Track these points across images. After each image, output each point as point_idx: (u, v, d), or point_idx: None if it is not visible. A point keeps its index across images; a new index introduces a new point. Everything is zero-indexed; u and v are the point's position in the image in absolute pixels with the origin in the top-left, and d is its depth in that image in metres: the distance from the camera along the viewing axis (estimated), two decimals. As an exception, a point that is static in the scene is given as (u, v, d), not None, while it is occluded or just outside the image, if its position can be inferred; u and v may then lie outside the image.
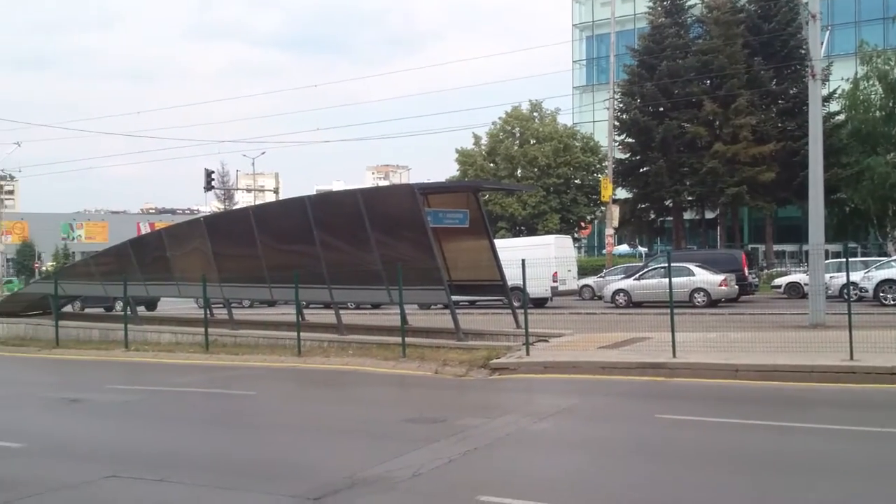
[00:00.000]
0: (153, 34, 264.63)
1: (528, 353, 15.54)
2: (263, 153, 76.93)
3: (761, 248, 46.82)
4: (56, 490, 7.89)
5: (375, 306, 28.85)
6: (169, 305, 33.01)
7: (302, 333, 18.40)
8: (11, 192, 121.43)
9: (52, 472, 8.64)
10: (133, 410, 12.97)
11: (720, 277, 28.22)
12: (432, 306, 25.47)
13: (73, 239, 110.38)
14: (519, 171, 51.93)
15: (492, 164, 52.46)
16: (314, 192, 50.96)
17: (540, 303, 29.68)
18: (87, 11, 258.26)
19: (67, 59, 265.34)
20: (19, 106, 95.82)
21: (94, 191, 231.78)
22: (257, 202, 54.33)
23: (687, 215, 48.29)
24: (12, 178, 77.15)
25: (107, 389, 14.91)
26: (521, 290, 17.32)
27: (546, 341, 17.33)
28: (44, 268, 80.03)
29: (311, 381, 15.82)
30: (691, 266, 28.30)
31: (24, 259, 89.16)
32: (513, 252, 22.29)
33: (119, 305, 28.82)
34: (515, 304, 20.16)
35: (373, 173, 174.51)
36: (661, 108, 44.06)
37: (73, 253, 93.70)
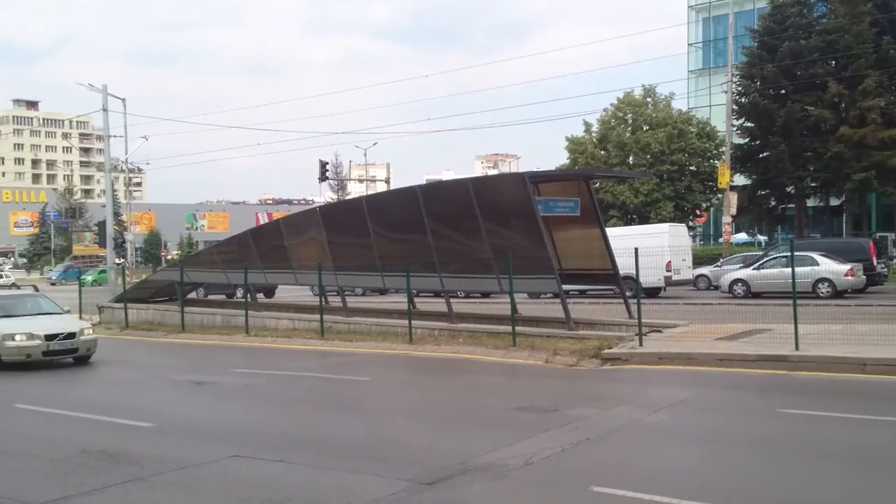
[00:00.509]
0: (272, 29, 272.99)
1: (641, 344, 15.26)
2: (375, 144, 78.42)
3: (891, 236, 44.30)
4: (183, 468, 8.28)
5: (485, 295, 28.96)
6: (286, 293, 34.03)
7: (413, 321, 18.66)
8: (139, 185, 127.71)
9: (179, 451, 9.08)
10: (254, 393, 13.47)
11: (846, 267, 26.90)
12: (542, 295, 25.35)
13: (197, 228, 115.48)
14: (631, 158, 50.92)
15: (603, 152, 51.62)
16: (424, 182, 51.45)
17: (653, 293, 29.08)
18: (208, 9, 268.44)
19: (191, 56, 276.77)
20: (147, 102, 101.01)
21: (215, 182, 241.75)
22: (369, 192, 55.43)
23: (810, 202, 46.16)
24: (140, 170, 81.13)
25: (229, 373, 15.53)
26: (633, 280, 16.98)
27: (659, 332, 16.97)
28: (169, 256, 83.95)
29: (422, 368, 16.03)
30: (815, 255, 27.07)
31: (151, 248, 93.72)
32: (625, 241, 21.92)
33: (240, 292, 29.98)
34: (628, 293, 19.83)
35: (482, 162, 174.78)
36: (783, 91, 42.20)
37: (196, 242, 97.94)
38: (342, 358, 17.18)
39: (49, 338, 16.29)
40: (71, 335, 16.62)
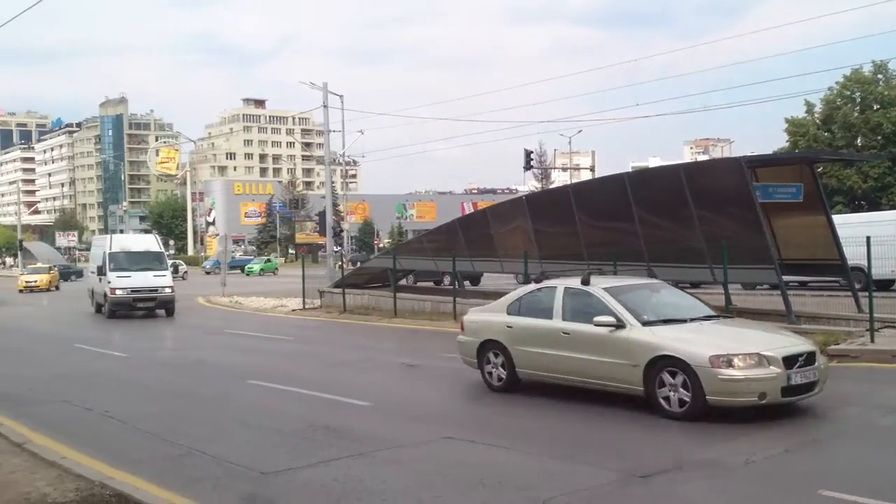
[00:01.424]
0: (477, 22, 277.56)
1: (872, 340, 14.08)
2: (580, 131, 77.35)
3: None
4: (400, 447, 8.63)
5: (694, 285, 27.83)
6: (489, 281, 34.53)
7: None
8: (354, 176, 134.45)
9: (395, 430, 9.48)
10: (462, 378, 13.77)
11: None
12: (758, 287, 24.01)
13: (406, 218, 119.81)
14: (859, 140, 47.05)
15: (827, 134, 48.05)
16: (630, 169, 50.30)
17: (885, 285, 26.66)
18: (417, 5, 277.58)
19: (402, 52, 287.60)
20: (362, 97, 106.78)
21: (424, 173, 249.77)
22: (573, 181, 54.97)
23: None
24: (356, 163, 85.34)
25: (439, 357, 15.96)
26: (862, 272, 15.66)
27: (894, 328, 15.57)
28: (381, 244, 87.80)
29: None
30: None
31: (365, 236, 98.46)
32: (851, 229, 20.25)
33: (447, 280, 30.82)
34: (857, 286, 18.34)
35: (691, 148, 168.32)
36: None
37: (406, 231, 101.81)
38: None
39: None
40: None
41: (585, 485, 7.05)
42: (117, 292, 26.35)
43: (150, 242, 30.15)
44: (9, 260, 78.57)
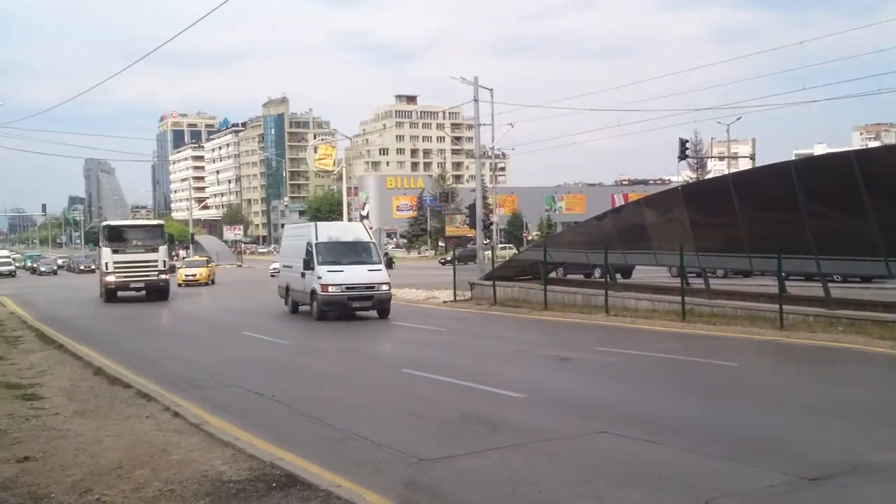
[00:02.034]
0: (627, 10, 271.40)
1: None
2: (739, 119, 73.98)
3: None
4: (555, 439, 8.62)
5: (866, 280, 26.17)
6: (641, 273, 33.82)
7: (784, 306, 17.48)
8: (503, 169, 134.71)
9: (549, 422, 9.47)
10: (617, 372, 13.59)
11: None
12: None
13: (555, 210, 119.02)
14: None
15: None
16: (793, 157, 47.69)
17: None
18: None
19: (550, 43, 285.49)
20: (511, 90, 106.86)
21: (573, 165, 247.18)
22: (731, 170, 52.75)
23: None
24: (505, 156, 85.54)
25: (591, 351, 15.83)
26: None
27: None
28: (529, 237, 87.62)
29: (793, 356, 14.96)
30: None
31: (514, 229, 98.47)
32: None
33: (597, 272, 30.39)
34: None
35: (861, 133, 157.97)
36: None
37: (555, 223, 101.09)
38: (705, 341, 16.65)
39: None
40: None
41: (749, 486, 6.79)
42: (330, 290, 22.44)
43: (361, 231, 25.89)
44: (182, 252, 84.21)
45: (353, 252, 23.96)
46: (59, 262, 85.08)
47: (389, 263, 23.60)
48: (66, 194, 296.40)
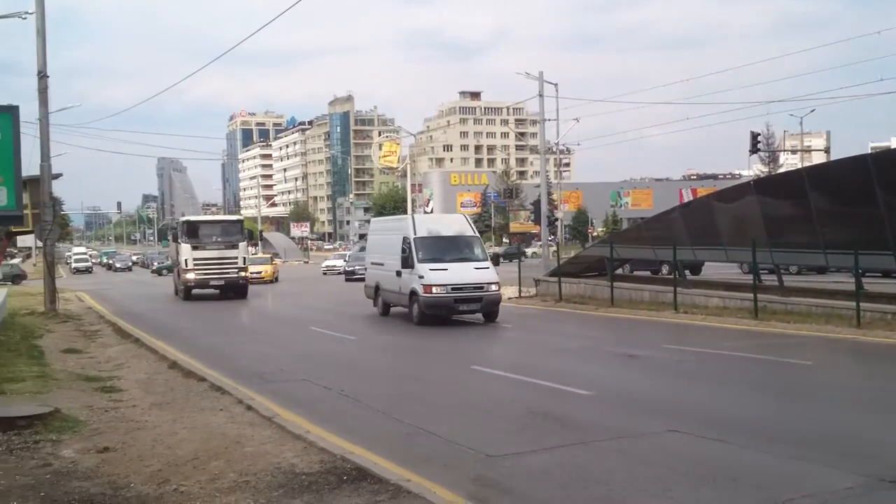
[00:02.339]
0: (694, 2, 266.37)
1: None
2: (813, 111, 72.01)
3: None
4: (623, 437, 8.53)
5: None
6: (710, 270, 33.18)
7: (861, 303, 16.95)
8: (568, 165, 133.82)
9: (617, 420, 9.38)
10: (686, 370, 13.38)
11: None
12: None
13: (621, 206, 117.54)
14: None
15: None
16: (869, 150, 46.20)
17: None
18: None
19: (616, 37, 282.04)
20: (577, 84, 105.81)
21: (639, 160, 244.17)
22: (804, 164, 51.41)
23: None
24: (570, 151, 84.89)
25: (660, 348, 15.60)
26: None
27: None
28: (595, 233, 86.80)
29: (872, 354, 14.51)
30: None
31: (578, 225, 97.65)
32: None
33: (665, 269, 29.94)
34: None
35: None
36: None
37: (621, 219, 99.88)
38: (778, 339, 16.27)
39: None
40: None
41: (827, 487, 6.62)
42: (434, 290, 19.94)
43: (463, 224, 22.87)
44: (251, 249, 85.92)
45: (456, 248, 21.54)
46: (134, 258, 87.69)
47: (497, 261, 21.63)
48: (140, 192, 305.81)
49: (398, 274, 21.42)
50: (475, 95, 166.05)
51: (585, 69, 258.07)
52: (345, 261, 55.55)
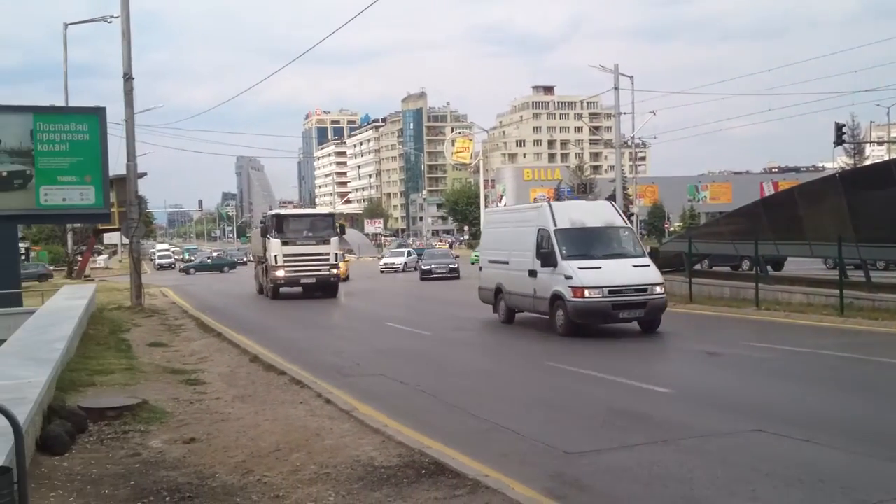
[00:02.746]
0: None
1: None
2: (901, 100, 69.36)
3: None
4: (705, 436, 8.35)
5: None
6: (792, 265, 32.26)
7: (956, 300, 16.23)
8: (643, 159, 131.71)
9: (699, 419, 9.20)
10: (770, 368, 13.01)
11: None
12: None
13: (699, 200, 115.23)
14: None
15: None
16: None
17: None
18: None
19: (694, 27, 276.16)
20: (653, 76, 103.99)
21: (718, 153, 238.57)
22: (892, 155, 49.42)
23: None
24: (645, 144, 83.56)
25: (742, 346, 15.21)
26: None
27: None
28: (671, 228, 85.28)
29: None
30: None
31: (655, 220, 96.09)
32: None
33: (745, 265, 29.20)
34: None
35: None
36: None
37: (698, 213, 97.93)
38: (865, 337, 15.70)
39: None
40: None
41: (922, 491, 6.36)
42: (587, 294, 16.43)
43: (611, 213, 19.10)
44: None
45: (607, 241, 18.11)
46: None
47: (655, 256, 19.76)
48: (220, 190, 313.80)
49: (532, 274, 18.01)
50: (548, 90, 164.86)
51: (663, 61, 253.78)
52: (406, 257, 55.55)
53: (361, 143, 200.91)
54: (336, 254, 30.80)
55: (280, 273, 29.83)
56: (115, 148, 30.97)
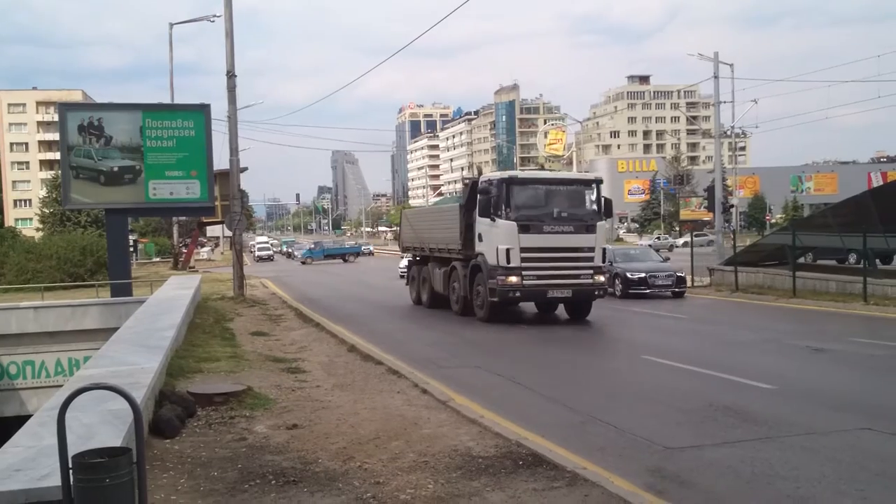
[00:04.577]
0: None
1: None
2: None
3: None
4: (810, 433, 8.11)
5: None
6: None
7: None
8: (743, 149, 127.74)
9: (803, 416, 8.93)
10: (879, 365, 12.52)
11: None
12: None
13: (802, 191, 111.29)
14: None
15: None
16: None
17: None
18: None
19: (796, 13, 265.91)
20: (755, 64, 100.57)
21: (823, 142, 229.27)
22: None
23: None
24: (745, 134, 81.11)
25: (849, 342, 14.67)
26: None
27: None
28: (772, 220, 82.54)
29: None
30: None
31: (755, 212, 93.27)
32: None
33: (852, 257, 28.03)
34: None
35: None
36: None
37: (802, 205, 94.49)
38: None
39: None
40: None
41: None
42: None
43: None
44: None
45: None
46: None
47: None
48: (316, 184, 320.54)
49: None
50: (644, 80, 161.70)
51: (765, 48, 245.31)
52: None
53: (454, 136, 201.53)
54: (604, 248, 19.04)
55: (514, 279, 18.10)
56: (218, 143, 31.98)
